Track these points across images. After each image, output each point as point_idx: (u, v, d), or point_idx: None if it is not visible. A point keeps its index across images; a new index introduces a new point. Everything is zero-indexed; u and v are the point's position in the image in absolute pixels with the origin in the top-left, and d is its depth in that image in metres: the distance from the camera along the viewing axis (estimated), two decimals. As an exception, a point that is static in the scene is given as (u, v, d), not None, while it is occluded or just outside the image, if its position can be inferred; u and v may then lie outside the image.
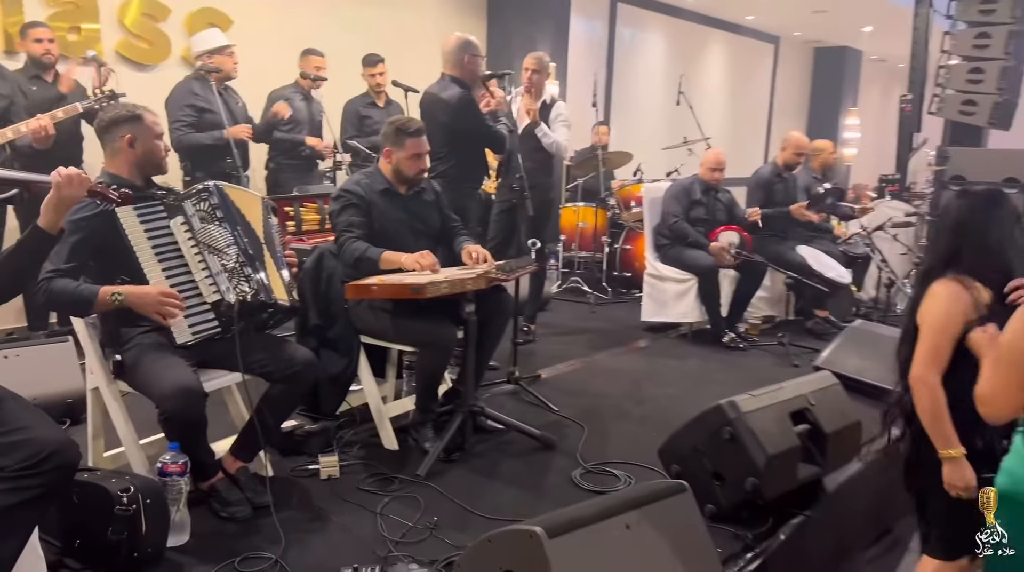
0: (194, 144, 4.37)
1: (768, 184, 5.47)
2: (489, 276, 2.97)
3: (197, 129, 4.38)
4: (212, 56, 4.47)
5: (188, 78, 4.48)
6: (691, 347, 5.00)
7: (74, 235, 2.34)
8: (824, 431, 2.71)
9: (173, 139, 4.29)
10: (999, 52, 5.86)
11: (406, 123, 3.23)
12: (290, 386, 2.66)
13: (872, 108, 14.29)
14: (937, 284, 2.18)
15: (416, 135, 3.19)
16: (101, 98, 3.80)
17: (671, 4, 9.22)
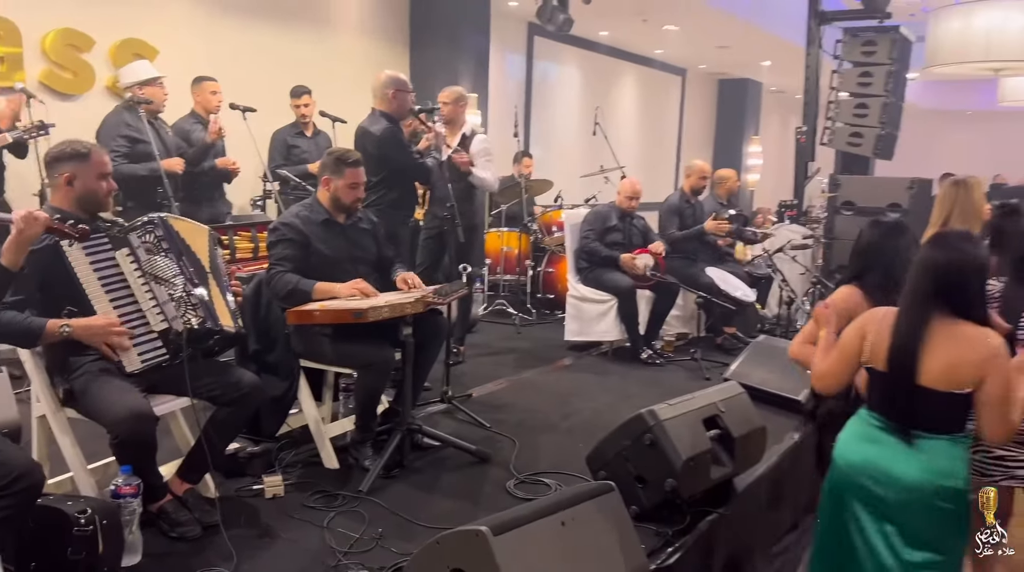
0: (130, 175, 4.39)
1: (678, 210, 5.87)
2: (426, 300, 3.16)
3: (130, 160, 4.41)
4: (143, 87, 4.51)
5: (119, 108, 4.50)
6: (612, 364, 5.29)
7: None
8: (733, 435, 3.00)
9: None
10: (880, 90, 6.47)
11: (345, 154, 3.41)
12: (236, 409, 2.77)
13: (773, 136, 15.21)
14: (842, 287, 2.60)
15: (355, 165, 3.37)
16: (30, 129, 3.82)
17: (586, 38, 9.67)
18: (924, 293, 2.12)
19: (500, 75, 8.41)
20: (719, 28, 9.17)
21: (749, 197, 13.93)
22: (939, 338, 2.07)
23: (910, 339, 2.08)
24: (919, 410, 2.09)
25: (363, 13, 6.87)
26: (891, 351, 2.12)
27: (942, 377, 2.06)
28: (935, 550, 2.10)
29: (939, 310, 2.09)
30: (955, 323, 2.09)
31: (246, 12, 5.91)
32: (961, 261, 2.10)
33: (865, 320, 2.24)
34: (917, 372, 2.07)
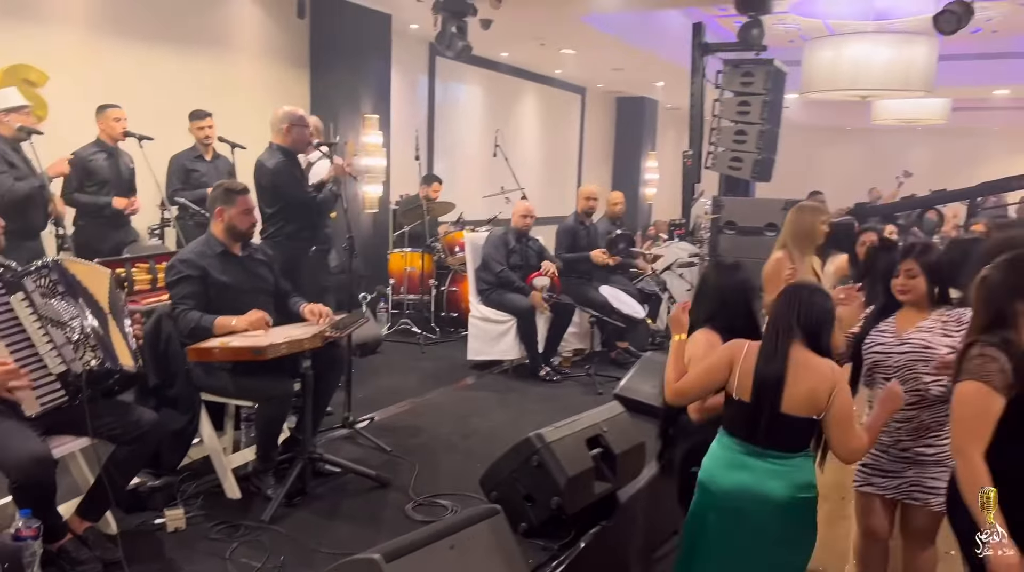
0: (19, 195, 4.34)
1: (573, 231, 6.19)
2: (324, 334, 3.30)
3: None
4: (8, 114, 4.46)
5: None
6: (512, 381, 5.53)
7: None
8: (614, 452, 3.27)
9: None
10: (757, 118, 6.97)
11: (233, 184, 3.55)
12: (137, 448, 2.84)
13: (669, 151, 15.86)
14: (698, 333, 2.85)
15: (244, 193, 3.51)
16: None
17: (487, 58, 9.92)
18: (786, 330, 2.37)
19: (402, 96, 8.55)
20: (613, 53, 9.60)
21: (647, 210, 14.53)
22: (796, 369, 2.33)
23: (775, 374, 2.33)
24: (780, 434, 2.36)
25: (262, 36, 6.89)
26: (758, 384, 2.35)
27: (802, 405, 2.32)
28: (792, 549, 2.41)
29: (796, 344, 2.36)
30: (807, 354, 2.36)
31: (143, 36, 5.85)
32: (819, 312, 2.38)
33: (732, 351, 2.46)
34: (781, 402, 2.32)
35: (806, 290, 2.46)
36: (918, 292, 2.73)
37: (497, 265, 5.68)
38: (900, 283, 2.76)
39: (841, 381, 2.36)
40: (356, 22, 7.31)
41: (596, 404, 4.87)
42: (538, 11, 7.14)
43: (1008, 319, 2.18)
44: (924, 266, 2.72)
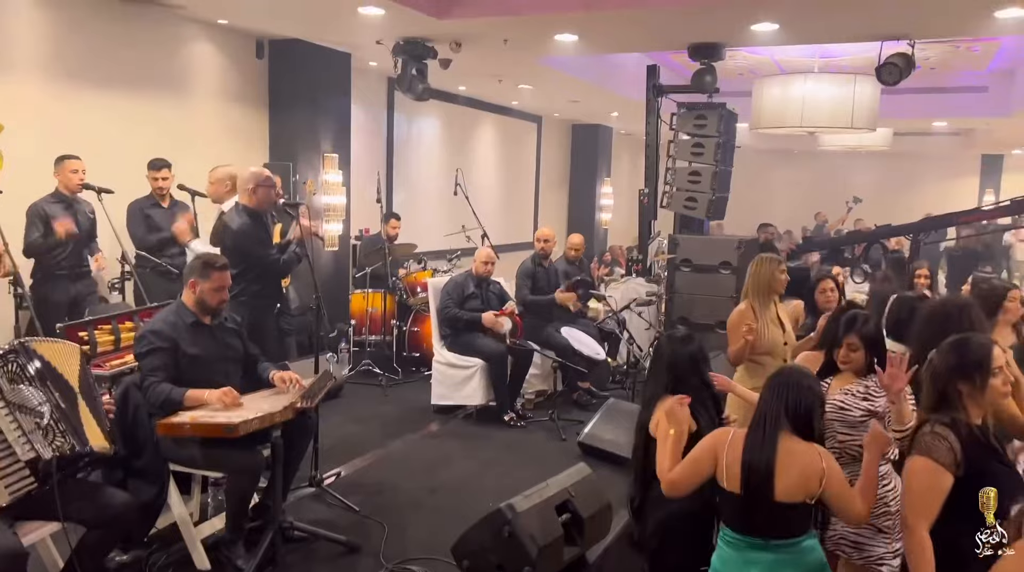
0: None
1: (531, 274, 6.31)
2: (295, 406, 3.33)
3: None
4: None
5: None
6: (476, 427, 5.59)
7: None
8: (582, 516, 3.36)
9: None
10: (710, 160, 7.18)
11: (213, 258, 3.53)
12: (108, 531, 2.83)
13: (623, 174, 16.15)
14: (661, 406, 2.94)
15: (222, 269, 3.50)
16: None
17: (445, 91, 10.00)
18: (774, 419, 2.38)
19: (361, 131, 8.56)
20: (569, 88, 9.77)
21: (603, 236, 14.74)
22: (785, 457, 2.33)
23: (764, 464, 2.32)
24: (780, 523, 2.34)
25: (221, 79, 6.86)
26: (747, 475, 2.35)
27: (796, 491, 2.32)
28: None
29: (784, 432, 2.37)
30: (793, 440, 2.36)
31: (101, 82, 5.78)
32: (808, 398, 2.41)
33: (716, 441, 2.49)
34: (774, 491, 2.31)
35: (795, 376, 2.47)
36: (857, 363, 2.91)
37: (445, 310, 5.76)
38: (843, 356, 2.93)
39: (829, 463, 2.38)
40: (315, 62, 7.32)
41: (560, 451, 5.04)
42: (496, 53, 7.25)
43: (953, 400, 2.33)
44: (864, 340, 2.89)
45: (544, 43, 6.98)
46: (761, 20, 5.96)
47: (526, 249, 12.49)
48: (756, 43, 7.03)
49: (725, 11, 5.80)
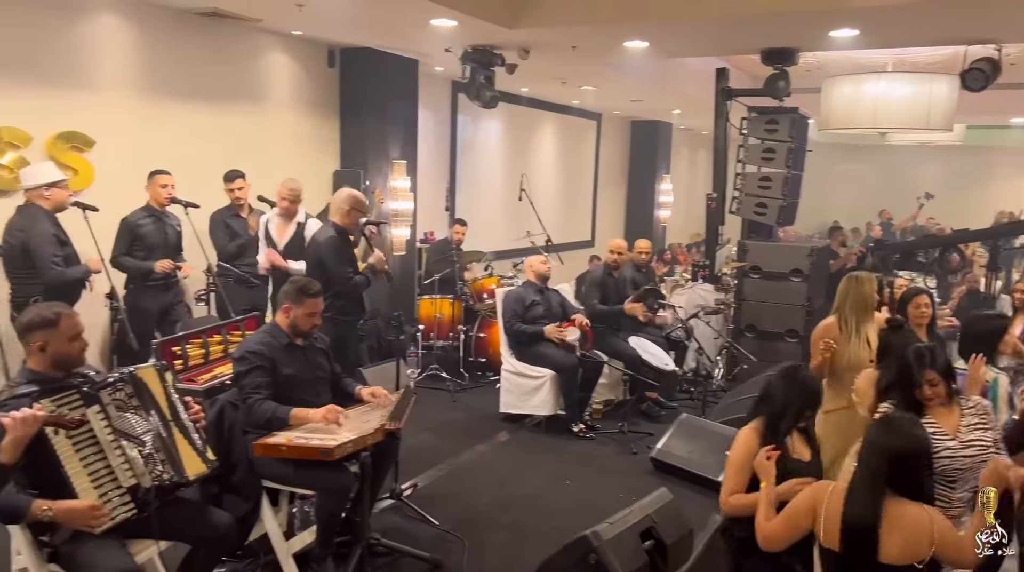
0: (68, 281, 4.48)
1: (600, 283, 6.29)
2: (385, 428, 3.41)
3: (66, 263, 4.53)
4: (49, 189, 4.58)
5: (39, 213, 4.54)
6: (545, 437, 5.63)
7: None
8: (666, 543, 3.36)
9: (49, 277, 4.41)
10: (782, 165, 7.06)
11: (307, 285, 3.62)
12: (211, 550, 2.95)
13: (682, 169, 15.97)
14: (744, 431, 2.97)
15: (315, 296, 3.60)
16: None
17: (508, 92, 10.01)
18: (876, 476, 2.27)
19: (426, 135, 8.64)
20: (633, 89, 9.70)
21: (662, 233, 14.62)
22: (891, 519, 2.22)
23: (868, 522, 2.22)
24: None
25: (294, 88, 7.00)
26: (847, 533, 2.26)
27: (901, 555, 2.21)
28: None
29: (890, 492, 2.26)
30: (902, 503, 2.26)
31: (183, 96, 5.96)
32: (914, 448, 2.29)
33: (816, 497, 2.41)
34: (877, 554, 2.20)
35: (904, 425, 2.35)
36: (942, 395, 2.89)
37: (507, 322, 5.80)
38: (928, 393, 2.89)
39: (941, 526, 2.26)
40: (384, 69, 7.42)
41: (632, 465, 5.06)
42: (563, 59, 7.23)
43: None
44: (941, 372, 2.87)
45: (613, 49, 6.94)
46: (840, 26, 5.82)
47: (584, 247, 12.51)
48: (833, 48, 6.87)
49: (803, 18, 5.67)
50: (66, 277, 4.48)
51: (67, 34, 5.16)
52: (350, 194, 4.51)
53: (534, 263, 6.06)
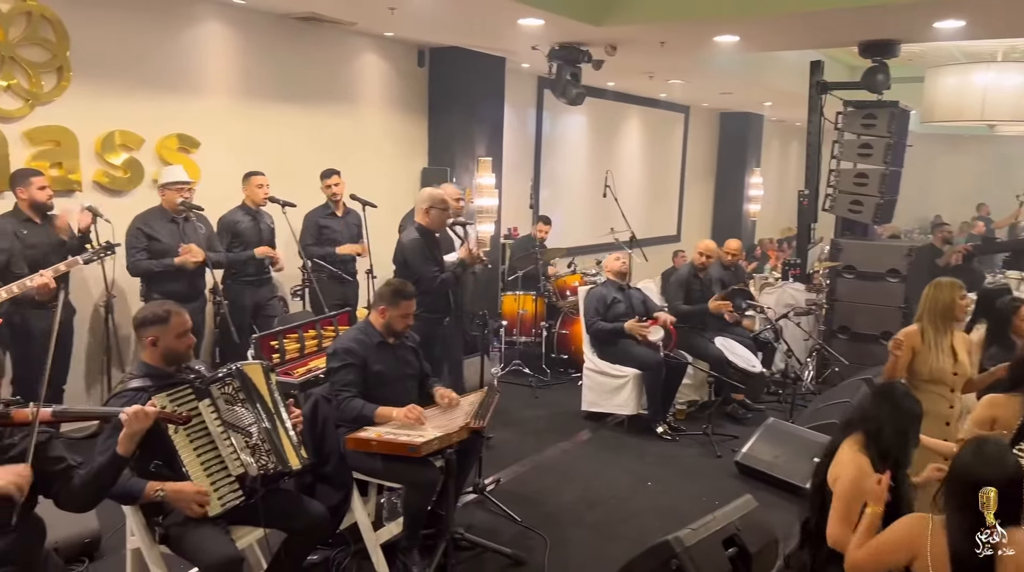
0: (145, 271, 4.78)
1: (686, 283, 6.21)
2: (470, 427, 3.50)
3: (149, 255, 4.80)
4: (164, 189, 4.89)
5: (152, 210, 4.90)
6: (628, 437, 5.62)
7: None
8: (750, 551, 3.33)
9: (128, 265, 4.73)
10: (879, 162, 6.78)
11: (402, 287, 3.75)
12: (306, 538, 3.10)
13: (772, 161, 15.52)
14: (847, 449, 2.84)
15: (409, 298, 3.72)
16: (99, 250, 4.14)
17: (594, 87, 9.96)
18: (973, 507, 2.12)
19: (511, 131, 8.68)
20: (722, 82, 9.50)
21: (751, 228, 14.26)
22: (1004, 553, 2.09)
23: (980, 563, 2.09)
24: None
25: (385, 87, 7.18)
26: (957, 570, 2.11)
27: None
28: None
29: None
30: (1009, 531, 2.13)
31: (280, 98, 6.21)
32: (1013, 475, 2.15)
33: (913, 532, 2.27)
34: None
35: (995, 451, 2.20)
36: None
37: (588, 321, 5.80)
38: None
39: None
40: (472, 67, 7.51)
41: (716, 468, 5.00)
42: (651, 54, 7.16)
43: None
44: None
45: (703, 44, 6.82)
46: (945, 17, 5.54)
47: (670, 243, 12.35)
48: (937, 39, 6.55)
49: (905, 8, 5.43)
50: (140, 268, 4.75)
51: (176, 42, 5.46)
52: (429, 193, 4.62)
53: (609, 262, 6.05)
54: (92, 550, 3.62)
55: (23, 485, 2.20)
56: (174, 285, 4.82)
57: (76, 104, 4.93)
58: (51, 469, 2.39)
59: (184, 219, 4.93)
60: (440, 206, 4.55)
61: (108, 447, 2.51)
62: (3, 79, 4.61)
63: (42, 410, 2.30)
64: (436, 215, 4.55)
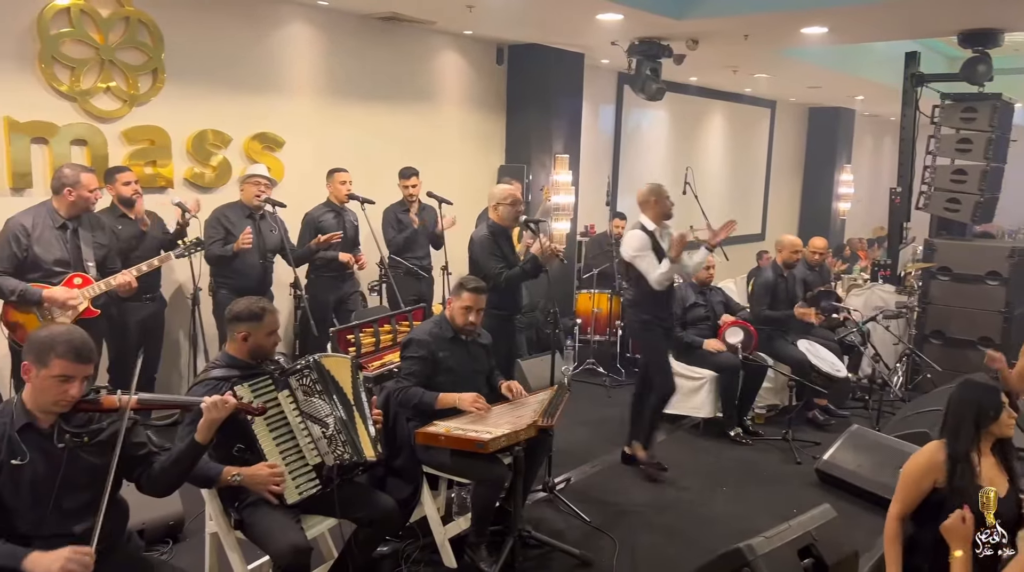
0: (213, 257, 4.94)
1: (772, 287, 5.97)
2: (538, 425, 3.49)
3: None
4: (245, 183, 5.04)
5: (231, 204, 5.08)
6: (703, 440, 5.49)
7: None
8: (827, 563, 3.19)
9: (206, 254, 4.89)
10: (979, 158, 6.41)
11: (468, 279, 3.79)
12: (376, 530, 3.16)
13: (864, 157, 14.90)
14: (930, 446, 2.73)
15: (473, 291, 3.73)
16: (189, 246, 4.32)
17: (675, 82, 9.79)
18: None
19: (589, 127, 8.63)
20: (811, 75, 9.17)
21: (840, 226, 13.74)
22: None
23: None
24: None
25: (464, 86, 7.24)
26: None
27: None
28: None
29: None
30: None
31: (361, 97, 6.36)
32: None
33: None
34: None
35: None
36: None
37: None
38: None
39: None
40: (550, 64, 7.49)
41: (795, 476, 4.83)
42: (734, 47, 6.97)
43: None
44: None
45: (789, 36, 6.60)
46: (1056, 2, 5.19)
47: (754, 242, 12.00)
48: (1045, 25, 6.15)
49: (1010, -6, 5.12)
50: (211, 253, 4.90)
51: (262, 44, 5.65)
52: (497, 189, 4.64)
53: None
54: (176, 532, 3.78)
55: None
56: (242, 281, 4.96)
57: (169, 105, 5.17)
58: (134, 454, 2.49)
59: (260, 216, 5.08)
60: (507, 202, 4.55)
61: (188, 434, 2.61)
62: (103, 82, 4.87)
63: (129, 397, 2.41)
64: (505, 211, 4.55)
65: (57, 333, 2.32)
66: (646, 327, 4.79)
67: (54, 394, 2.28)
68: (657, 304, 4.75)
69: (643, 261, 4.63)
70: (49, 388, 2.28)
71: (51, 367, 2.26)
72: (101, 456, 2.37)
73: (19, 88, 4.57)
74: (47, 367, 2.26)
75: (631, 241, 4.71)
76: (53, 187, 4.03)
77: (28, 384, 2.31)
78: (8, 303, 3.92)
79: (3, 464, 2.25)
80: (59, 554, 2.14)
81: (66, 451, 2.34)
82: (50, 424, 2.34)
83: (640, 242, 4.67)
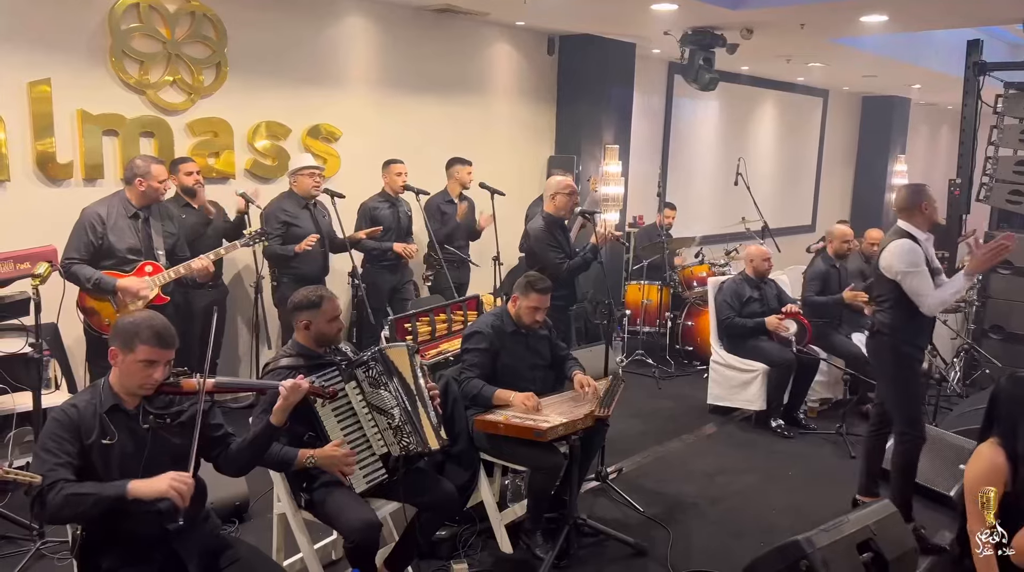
0: (273, 254, 5.02)
1: (824, 276, 5.92)
2: (596, 415, 3.53)
3: (284, 240, 5.00)
4: (295, 175, 5.10)
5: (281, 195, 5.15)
6: (755, 434, 5.47)
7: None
8: (887, 558, 3.18)
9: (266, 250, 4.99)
10: (1045, 148, 6.23)
11: (536, 279, 3.82)
12: (436, 514, 3.24)
13: (919, 148, 14.54)
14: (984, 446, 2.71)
15: (542, 292, 3.77)
16: (255, 235, 4.44)
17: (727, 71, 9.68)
18: None
19: (639, 117, 8.58)
20: (866, 64, 8.99)
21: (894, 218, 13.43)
22: None
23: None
24: None
25: (515, 76, 7.27)
26: None
27: None
28: None
29: None
30: None
31: (415, 88, 6.43)
32: None
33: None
34: None
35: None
36: None
37: (726, 319, 5.66)
38: None
39: None
40: (602, 54, 7.48)
41: (849, 470, 4.80)
42: (789, 36, 6.87)
43: None
44: None
45: (847, 25, 6.50)
46: None
47: (804, 233, 11.83)
48: (1118, 11, 5.94)
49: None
50: (271, 250, 5.00)
51: (319, 36, 5.75)
52: (554, 180, 4.69)
53: (755, 258, 5.80)
54: (242, 512, 3.92)
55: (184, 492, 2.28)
56: (305, 268, 5.05)
57: (231, 97, 5.30)
58: (212, 435, 2.60)
59: (313, 205, 5.17)
60: (562, 191, 4.58)
61: (262, 418, 2.71)
62: (170, 75, 5.02)
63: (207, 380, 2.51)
64: (561, 201, 4.59)
65: (141, 320, 2.42)
66: (902, 361, 3.85)
67: (139, 378, 2.39)
68: (920, 333, 3.90)
69: (915, 278, 3.71)
70: (135, 372, 2.39)
71: (136, 352, 2.37)
72: (182, 436, 2.48)
73: (91, 82, 4.73)
74: (133, 352, 2.37)
75: (900, 254, 3.74)
76: (125, 178, 4.17)
77: (115, 368, 2.43)
78: (84, 290, 4.09)
79: (94, 443, 2.37)
80: (162, 477, 2.28)
81: (150, 431, 2.46)
82: (135, 406, 2.45)
83: (914, 255, 3.73)
